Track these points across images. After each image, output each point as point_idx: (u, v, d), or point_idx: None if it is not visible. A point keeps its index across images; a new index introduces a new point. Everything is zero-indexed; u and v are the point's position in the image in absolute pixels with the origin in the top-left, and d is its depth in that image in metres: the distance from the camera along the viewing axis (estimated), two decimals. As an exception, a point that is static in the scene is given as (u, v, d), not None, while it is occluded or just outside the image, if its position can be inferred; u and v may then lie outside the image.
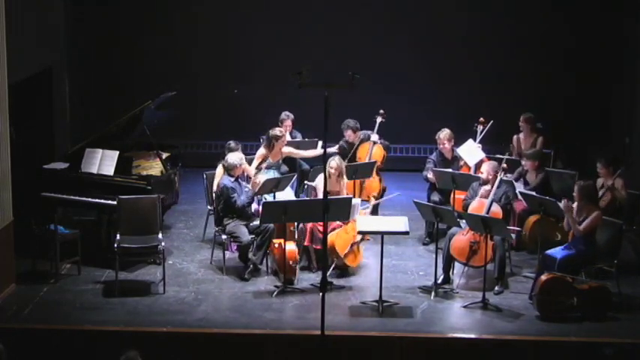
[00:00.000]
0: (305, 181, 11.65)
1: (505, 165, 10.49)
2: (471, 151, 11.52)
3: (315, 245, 10.36)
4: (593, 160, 11.12)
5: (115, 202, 10.20)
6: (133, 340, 8.54)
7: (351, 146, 12.13)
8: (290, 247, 10.10)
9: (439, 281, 10.03)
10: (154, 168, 11.11)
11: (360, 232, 10.14)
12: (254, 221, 10.42)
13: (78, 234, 10.41)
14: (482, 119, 12.04)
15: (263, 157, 11.35)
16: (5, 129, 9.89)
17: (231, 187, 10.34)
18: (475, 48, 14.34)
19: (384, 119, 12.05)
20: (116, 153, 10.71)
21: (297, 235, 10.49)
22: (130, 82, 14.17)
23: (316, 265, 10.44)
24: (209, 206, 11.35)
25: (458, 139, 11.71)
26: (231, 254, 10.78)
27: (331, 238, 10.12)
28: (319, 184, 10.72)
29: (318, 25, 14.39)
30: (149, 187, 10.49)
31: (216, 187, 10.71)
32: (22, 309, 9.52)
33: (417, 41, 14.42)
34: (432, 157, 11.72)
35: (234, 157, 10.52)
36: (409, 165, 13.88)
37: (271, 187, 10.60)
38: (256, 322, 9.32)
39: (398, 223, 9.81)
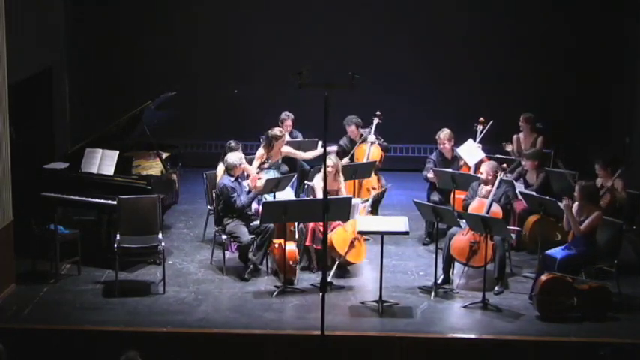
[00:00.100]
0: (305, 181, 11.65)
1: (505, 165, 10.50)
2: (471, 151, 11.53)
3: (316, 245, 10.36)
4: (593, 161, 11.11)
5: (115, 202, 10.20)
6: (133, 340, 8.54)
7: (353, 144, 12.11)
8: (290, 247, 10.10)
9: (439, 281, 10.02)
10: (154, 168, 11.11)
11: (360, 232, 10.14)
12: (254, 221, 10.43)
13: (78, 234, 10.41)
14: (482, 119, 12.04)
15: (263, 158, 11.36)
16: (5, 129, 9.89)
17: (231, 187, 10.33)
18: (475, 48, 14.33)
19: (380, 120, 12.04)
20: (116, 153, 10.71)
21: (297, 235, 10.50)
22: (130, 82, 14.16)
23: (316, 266, 10.44)
24: (209, 206, 11.36)
25: (458, 139, 11.71)
26: (231, 254, 10.78)
27: (330, 236, 10.11)
28: (316, 183, 10.74)
29: (318, 25, 14.37)
30: (149, 187, 10.49)
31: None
32: (22, 309, 9.52)
33: (417, 41, 14.41)
34: (432, 157, 11.72)
35: (234, 157, 10.52)
36: (409, 165, 13.87)
37: (271, 187, 10.61)
38: (256, 322, 9.32)
39: (398, 223, 9.81)
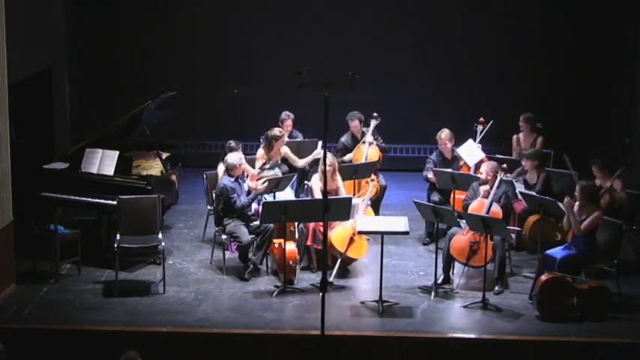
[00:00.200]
0: (305, 181, 11.65)
1: (505, 165, 10.50)
2: (471, 151, 11.52)
3: (317, 245, 10.35)
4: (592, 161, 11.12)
5: (115, 202, 10.20)
6: (133, 340, 8.54)
7: (355, 140, 12.09)
8: (290, 247, 10.10)
9: (439, 281, 10.02)
10: (153, 168, 11.11)
11: (360, 232, 10.13)
12: (254, 221, 10.43)
13: (78, 234, 10.41)
14: (482, 119, 12.04)
15: (264, 158, 11.36)
16: (5, 129, 9.89)
17: (231, 188, 10.33)
18: (475, 48, 14.32)
19: (378, 121, 12.03)
20: (116, 153, 10.71)
21: (297, 235, 10.49)
22: (130, 82, 14.15)
23: (317, 266, 10.44)
24: (209, 206, 11.36)
25: (458, 139, 11.71)
26: (231, 254, 10.78)
27: (329, 235, 10.09)
28: (314, 183, 10.74)
29: (318, 25, 14.37)
30: (149, 187, 10.49)
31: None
32: (22, 309, 9.52)
33: (417, 41, 14.40)
34: (432, 157, 11.72)
35: (234, 157, 10.51)
36: (409, 165, 13.87)
37: (271, 187, 10.61)
38: (256, 322, 9.32)
39: (398, 223, 9.81)
